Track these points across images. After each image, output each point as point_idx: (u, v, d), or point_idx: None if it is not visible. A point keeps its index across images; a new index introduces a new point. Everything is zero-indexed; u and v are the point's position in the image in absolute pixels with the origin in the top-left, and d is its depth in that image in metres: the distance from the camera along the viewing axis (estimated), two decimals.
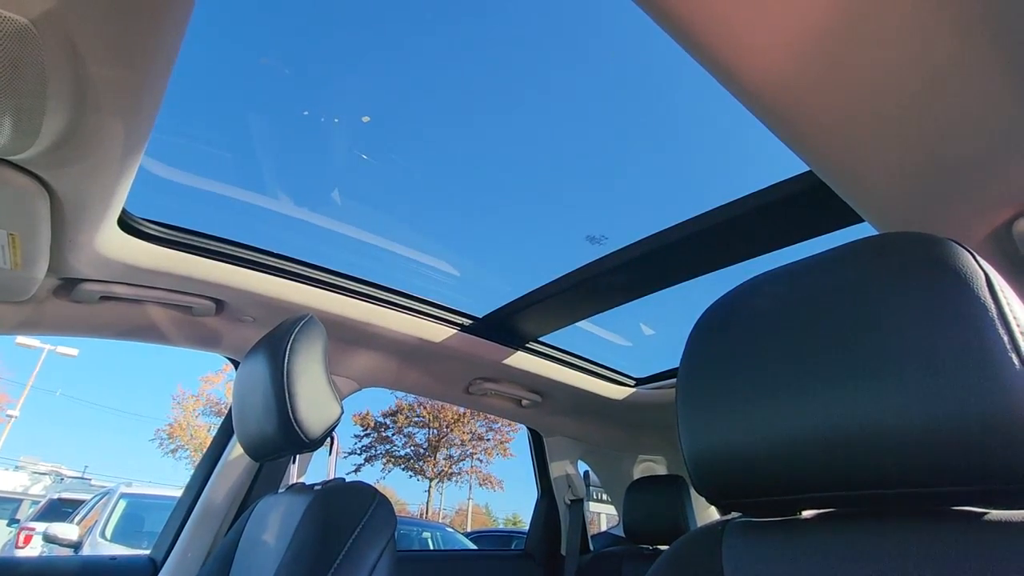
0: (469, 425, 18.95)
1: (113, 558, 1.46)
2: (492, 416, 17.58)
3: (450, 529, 8.42)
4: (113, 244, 1.12)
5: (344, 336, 1.56)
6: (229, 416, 1.57)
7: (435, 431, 19.20)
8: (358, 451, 18.80)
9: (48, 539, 4.59)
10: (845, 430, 0.44)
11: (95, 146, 0.78)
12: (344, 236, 1.57)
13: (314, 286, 1.42)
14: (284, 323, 1.07)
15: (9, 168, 0.80)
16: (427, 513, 19.15)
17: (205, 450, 1.63)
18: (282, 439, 0.99)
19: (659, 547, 1.91)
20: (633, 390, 2.03)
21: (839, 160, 0.79)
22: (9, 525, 10.29)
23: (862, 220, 0.94)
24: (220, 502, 1.50)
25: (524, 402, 2.03)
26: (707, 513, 2.34)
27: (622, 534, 2.16)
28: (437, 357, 1.71)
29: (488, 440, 19.29)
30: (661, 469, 2.50)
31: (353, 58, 1.71)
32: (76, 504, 7.19)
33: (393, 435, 19.35)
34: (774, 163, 0.99)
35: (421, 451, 19.42)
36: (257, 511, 1.11)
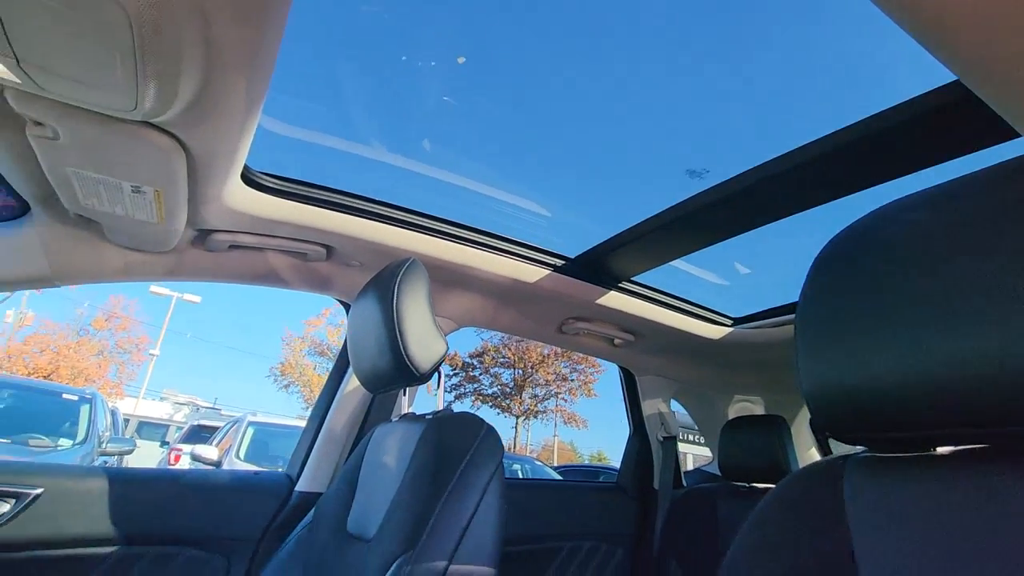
0: (553, 366, 19.38)
1: (256, 473, 1.68)
2: (576, 356, 17.90)
3: (538, 463, 8.85)
4: (238, 197, 1.22)
5: (442, 278, 1.62)
6: (344, 352, 1.71)
7: (520, 371, 19.85)
8: (448, 389, 19.94)
9: (194, 458, 5.35)
10: (998, 364, 0.41)
11: (222, 104, 0.84)
12: (438, 181, 1.60)
13: (414, 231, 1.47)
14: (389, 266, 1.13)
15: (154, 130, 0.89)
16: (515, 447, 20.11)
17: (313, 386, 1.80)
18: (395, 373, 1.07)
19: (755, 485, 1.90)
20: (730, 330, 1.97)
21: (992, 66, 0.69)
22: (161, 446, 12.16)
23: (1019, 135, 0.82)
24: (340, 429, 1.67)
25: (616, 341, 2.04)
26: (807, 455, 2.29)
27: (715, 472, 2.17)
28: (531, 297, 1.74)
29: (572, 380, 19.71)
30: (758, 409, 2.45)
31: None
32: (212, 430, 8.34)
33: (480, 375, 20.26)
34: (910, 75, 0.88)
35: (507, 390, 20.22)
36: (375, 437, 1.22)
